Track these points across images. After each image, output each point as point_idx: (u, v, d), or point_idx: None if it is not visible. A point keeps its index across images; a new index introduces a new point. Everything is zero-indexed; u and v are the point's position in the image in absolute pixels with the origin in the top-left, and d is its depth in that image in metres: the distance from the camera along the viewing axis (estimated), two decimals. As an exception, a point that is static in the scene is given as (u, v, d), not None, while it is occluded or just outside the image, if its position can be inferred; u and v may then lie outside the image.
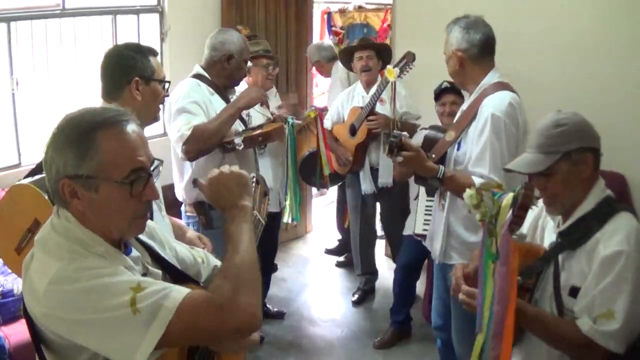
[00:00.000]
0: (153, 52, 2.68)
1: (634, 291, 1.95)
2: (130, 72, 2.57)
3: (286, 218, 4.31)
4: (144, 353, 1.43)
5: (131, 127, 1.57)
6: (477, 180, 2.74)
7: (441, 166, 2.87)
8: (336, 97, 5.21)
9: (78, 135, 1.51)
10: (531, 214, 2.36)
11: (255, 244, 1.69)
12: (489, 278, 1.93)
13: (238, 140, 3.36)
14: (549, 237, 2.30)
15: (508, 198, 1.89)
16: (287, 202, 4.24)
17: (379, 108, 4.71)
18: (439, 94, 4.31)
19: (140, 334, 1.43)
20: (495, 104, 2.79)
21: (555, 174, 2.13)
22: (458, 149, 2.97)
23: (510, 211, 1.85)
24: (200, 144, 3.29)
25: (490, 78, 2.91)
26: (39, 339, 1.56)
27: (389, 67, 4.24)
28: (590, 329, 1.97)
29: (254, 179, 2.00)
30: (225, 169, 1.78)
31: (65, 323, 1.45)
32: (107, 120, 1.54)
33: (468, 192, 1.99)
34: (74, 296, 1.44)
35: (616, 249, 1.98)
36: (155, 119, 2.77)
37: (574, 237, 2.11)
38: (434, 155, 3.02)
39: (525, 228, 2.39)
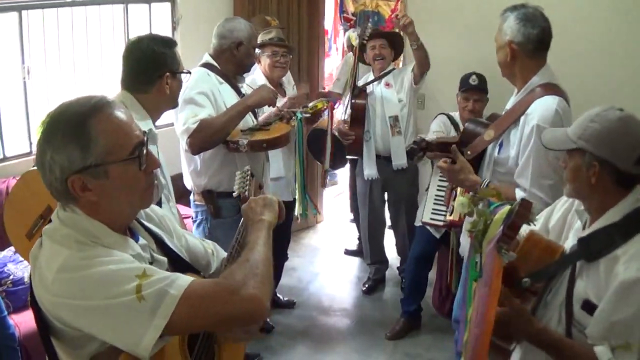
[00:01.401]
0: (175, 44, 2.82)
1: None
2: (162, 68, 2.71)
3: (296, 212, 4.32)
4: (149, 340, 1.44)
5: (116, 108, 1.60)
6: (520, 194, 2.70)
7: (484, 181, 2.81)
8: (342, 79, 5.25)
9: (73, 129, 1.51)
10: (562, 208, 2.28)
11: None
12: (472, 298, 1.84)
13: (243, 142, 3.34)
14: (572, 238, 2.16)
15: (502, 212, 1.76)
16: (297, 197, 4.24)
17: (385, 92, 4.75)
18: (467, 89, 4.30)
19: (146, 321, 1.44)
20: (541, 114, 2.68)
21: (571, 158, 2.05)
22: (499, 152, 2.90)
23: (501, 227, 1.74)
24: (204, 139, 3.29)
25: (540, 77, 2.80)
26: (48, 329, 1.57)
27: (349, 33, 4.31)
28: None
29: (249, 172, 2.10)
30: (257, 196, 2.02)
31: (73, 310, 1.46)
32: (94, 107, 1.55)
33: (460, 200, 1.91)
34: (81, 284, 1.45)
35: (638, 276, 1.83)
36: (175, 106, 2.96)
37: (594, 248, 1.98)
38: (469, 152, 2.97)
39: (553, 221, 2.29)
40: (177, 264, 1.80)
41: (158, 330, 1.44)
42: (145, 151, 1.60)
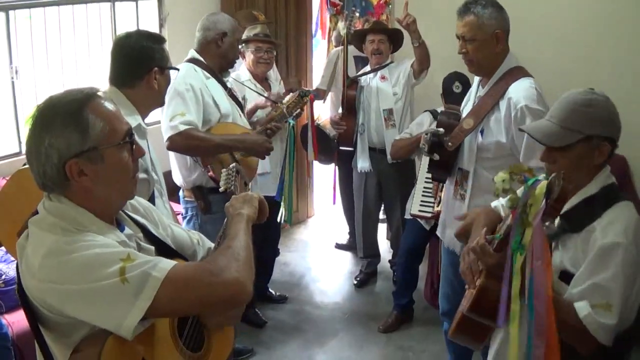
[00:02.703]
0: (164, 40, 2.85)
1: (627, 287, 1.93)
2: (150, 63, 2.73)
3: (279, 218, 4.32)
4: (132, 321, 1.49)
5: (105, 98, 1.67)
6: None
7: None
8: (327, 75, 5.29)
9: (72, 115, 1.57)
10: None
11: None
12: (518, 271, 1.87)
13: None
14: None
15: (541, 186, 1.82)
16: (282, 203, 4.24)
17: (380, 85, 4.76)
18: (451, 98, 4.23)
19: (129, 303, 1.49)
20: (525, 95, 2.73)
21: (570, 151, 2.07)
22: (483, 138, 2.91)
23: (544, 201, 1.79)
24: (186, 146, 3.34)
25: (509, 62, 2.85)
26: (36, 318, 1.61)
27: (339, 24, 4.32)
28: (587, 316, 1.92)
29: (235, 170, 2.14)
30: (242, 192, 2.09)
31: (58, 294, 1.50)
32: (88, 96, 1.62)
33: (500, 176, 1.94)
34: (67, 268, 1.50)
35: (614, 240, 1.93)
36: (162, 104, 2.97)
37: (577, 220, 2.05)
38: (450, 144, 2.98)
39: None
40: (165, 252, 1.84)
41: (141, 311, 1.49)
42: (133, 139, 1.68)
